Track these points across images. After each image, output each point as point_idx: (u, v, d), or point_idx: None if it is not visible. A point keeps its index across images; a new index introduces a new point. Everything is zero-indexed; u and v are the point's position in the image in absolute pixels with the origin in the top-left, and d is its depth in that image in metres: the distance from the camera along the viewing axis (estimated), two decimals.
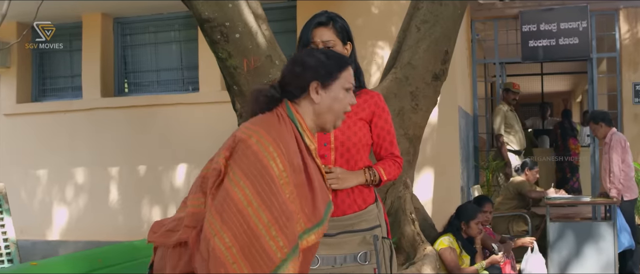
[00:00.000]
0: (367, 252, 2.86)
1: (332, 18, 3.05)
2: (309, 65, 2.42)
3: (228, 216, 2.08)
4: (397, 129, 5.55)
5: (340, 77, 2.45)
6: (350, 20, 7.84)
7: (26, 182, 9.23)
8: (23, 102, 9.43)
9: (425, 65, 5.69)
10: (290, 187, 2.21)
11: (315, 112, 2.43)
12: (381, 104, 3.04)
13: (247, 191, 2.10)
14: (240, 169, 2.13)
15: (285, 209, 2.13)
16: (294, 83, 2.41)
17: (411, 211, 5.46)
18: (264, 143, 2.17)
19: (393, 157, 3.06)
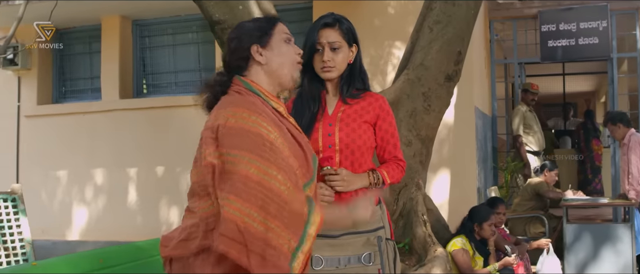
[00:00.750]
0: (371, 253, 2.87)
1: (338, 20, 3.04)
2: (241, 35, 2.44)
3: (247, 193, 2.08)
4: (409, 130, 5.56)
5: (274, 32, 2.48)
6: (366, 21, 7.91)
7: (46, 183, 9.33)
8: (43, 104, 9.53)
9: (437, 66, 5.67)
10: (284, 143, 2.26)
11: (267, 74, 2.45)
12: (385, 107, 3.04)
13: (255, 162, 2.12)
14: (236, 148, 2.14)
15: (290, 165, 2.20)
16: (235, 57, 2.43)
17: (423, 213, 5.44)
18: (243, 116, 2.20)
19: (396, 160, 3.06)
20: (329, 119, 2.96)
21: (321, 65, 2.96)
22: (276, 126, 2.29)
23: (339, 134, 2.91)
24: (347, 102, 2.99)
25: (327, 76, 2.98)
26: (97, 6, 8.68)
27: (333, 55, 2.95)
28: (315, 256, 2.82)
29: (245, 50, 2.43)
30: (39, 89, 9.50)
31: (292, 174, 2.21)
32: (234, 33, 2.48)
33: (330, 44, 2.95)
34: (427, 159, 5.81)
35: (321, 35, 2.96)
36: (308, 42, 2.97)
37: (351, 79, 3.03)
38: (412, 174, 5.58)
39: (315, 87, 3.01)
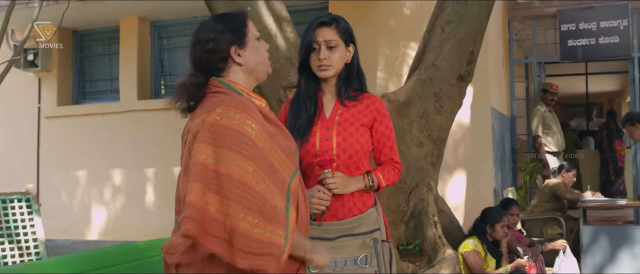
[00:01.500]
0: (367, 255, 2.87)
1: (335, 19, 3.02)
2: (217, 37, 2.41)
3: (232, 192, 2.14)
4: (421, 131, 5.53)
5: (248, 31, 2.49)
6: (382, 21, 7.87)
7: (66, 183, 9.43)
8: (63, 105, 9.63)
9: (449, 66, 5.63)
10: (269, 141, 2.29)
11: (245, 73, 2.46)
12: (382, 109, 3.02)
13: (239, 161, 2.16)
14: (224, 147, 2.18)
15: (270, 164, 2.25)
16: (214, 59, 2.41)
17: (434, 214, 5.40)
18: (230, 114, 2.23)
19: (392, 163, 3.04)
20: (327, 123, 2.95)
21: (318, 64, 2.94)
22: (260, 123, 2.31)
23: (337, 139, 2.91)
24: (345, 104, 2.98)
25: (324, 74, 2.96)
26: (115, 8, 8.75)
27: (329, 54, 2.94)
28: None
29: (224, 52, 2.42)
30: (58, 90, 9.60)
31: (271, 172, 2.25)
32: (207, 33, 2.43)
33: (327, 42, 2.94)
34: (438, 160, 5.78)
35: (318, 33, 2.95)
36: (305, 41, 2.96)
37: (349, 80, 3.01)
38: (423, 175, 5.55)
39: (311, 87, 3.00)
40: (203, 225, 2.17)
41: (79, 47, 9.82)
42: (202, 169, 2.20)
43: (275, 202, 2.22)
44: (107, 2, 8.43)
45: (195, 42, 2.44)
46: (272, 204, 2.20)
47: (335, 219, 2.91)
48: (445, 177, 7.59)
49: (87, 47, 9.84)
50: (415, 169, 5.51)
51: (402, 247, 5.46)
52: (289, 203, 2.30)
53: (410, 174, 5.49)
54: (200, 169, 2.20)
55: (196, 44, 2.43)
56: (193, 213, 2.17)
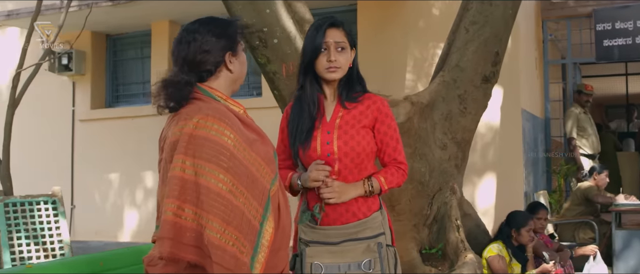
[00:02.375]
0: (371, 260, 2.83)
1: (341, 21, 2.98)
2: (215, 40, 2.40)
3: (209, 204, 2.16)
4: (445, 133, 5.45)
5: (239, 39, 2.49)
6: (411, 22, 7.80)
7: (100, 185, 9.55)
8: (97, 108, 9.75)
9: (474, 67, 5.55)
10: (248, 150, 2.30)
11: (229, 80, 2.47)
12: (384, 109, 2.96)
13: (216, 173, 2.19)
14: (202, 159, 2.19)
15: (249, 174, 2.26)
16: (209, 61, 2.40)
17: (457, 218, 5.31)
18: (208, 125, 2.23)
19: (396, 163, 2.97)
20: (327, 126, 2.91)
21: (327, 66, 2.89)
22: (239, 131, 2.31)
23: (338, 142, 2.86)
24: (346, 106, 2.94)
25: (332, 76, 2.91)
26: (146, 12, 8.83)
27: (338, 56, 2.90)
28: (314, 263, 2.80)
29: (219, 56, 2.42)
30: (92, 93, 9.73)
31: (250, 183, 2.27)
32: (204, 35, 2.42)
33: (337, 43, 2.90)
34: (462, 162, 5.69)
35: (328, 34, 2.90)
36: (311, 43, 2.91)
37: (351, 83, 2.98)
38: (446, 178, 5.47)
39: (314, 91, 2.96)
40: (179, 239, 2.18)
41: (112, 51, 9.95)
42: (178, 182, 2.20)
43: (251, 217, 2.23)
44: (137, 6, 8.51)
45: (190, 40, 2.41)
46: (248, 218, 2.22)
47: (339, 223, 2.87)
48: (475, 180, 7.48)
49: (120, 51, 9.96)
50: (438, 172, 5.43)
51: (424, 251, 5.39)
52: (267, 213, 2.31)
53: (434, 177, 5.41)
54: (176, 182, 2.21)
55: (191, 42, 2.41)
56: (168, 231, 2.19)
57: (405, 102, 5.33)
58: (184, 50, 2.42)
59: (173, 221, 2.19)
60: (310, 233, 2.86)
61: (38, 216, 5.57)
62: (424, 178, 5.35)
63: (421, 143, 5.36)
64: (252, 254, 2.24)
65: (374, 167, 2.98)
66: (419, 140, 5.35)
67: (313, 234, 2.85)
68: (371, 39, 8.01)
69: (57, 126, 9.83)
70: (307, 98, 2.95)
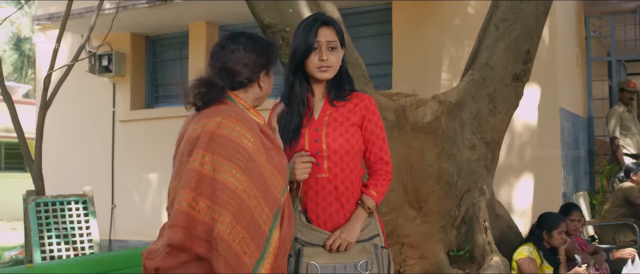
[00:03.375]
0: (367, 261, 2.83)
1: (331, 20, 2.97)
2: (257, 57, 2.52)
3: (223, 200, 2.22)
4: (473, 133, 5.35)
5: (276, 63, 2.62)
6: (446, 21, 7.70)
7: (139, 186, 9.67)
8: (136, 109, 9.88)
9: (504, 65, 5.42)
10: (264, 155, 2.37)
11: (256, 96, 2.56)
12: (371, 107, 2.96)
13: (234, 172, 2.26)
14: (221, 156, 2.27)
15: (263, 180, 2.33)
16: (244, 73, 2.50)
17: (485, 219, 5.19)
18: (230, 125, 2.32)
19: (382, 163, 2.97)
20: (316, 124, 2.90)
21: (319, 65, 2.87)
22: (258, 137, 2.38)
23: (326, 140, 2.86)
24: (334, 104, 2.93)
25: (324, 75, 2.89)
26: (183, 13, 8.91)
27: (330, 55, 2.88)
28: (311, 263, 2.78)
29: (255, 73, 2.53)
30: (132, 94, 9.87)
31: (264, 189, 2.33)
32: (248, 50, 2.52)
33: (328, 43, 2.88)
34: (492, 163, 5.56)
35: (320, 34, 2.88)
36: (303, 42, 2.88)
37: (340, 82, 2.96)
38: (475, 179, 5.36)
39: (303, 90, 2.93)
40: (191, 230, 2.23)
41: (152, 53, 10.07)
42: (196, 175, 2.27)
43: (261, 222, 2.29)
44: (174, 8, 8.59)
45: (234, 49, 2.52)
46: (258, 223, 2.28)
47: (330, 224, 2.86)
48: (511, 180, 7.34)
49: (159, 52, 10.08)
50: (467, 173, 5.32)
51: (452, 253, 5.29)
52: (276, 221, 2.37)
53: (462, 178, 5.30)
54: (194, 175, 2.27)
55: (234, 51, 2.51)
56: (180, 220, 2.25)
57: (432, 102, 5.24)
58: (226, 58, 2.52)
59: (187, 212, 2.25)
60: (307, 233, 2.83)
61: (69, 215, 5.65)
62: (452, 179, 5.25)
63: (449, 143, 5.26)
64: (259, 258, 2.29)
65: (361, 168, 2.98)
66: (447, 140, 5.26)
67: (310, 236, 2.83)
68: (406, 38, 7.93)
69: (98, 126, 10.00)
70: (296, 97, 2.92)
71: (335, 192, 2.86)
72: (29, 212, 5.46)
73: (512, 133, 7.31)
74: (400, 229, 5.17)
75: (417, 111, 5.16)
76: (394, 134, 5.11)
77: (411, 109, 5.19)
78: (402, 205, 5.16)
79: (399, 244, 5.22)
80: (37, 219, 5.47)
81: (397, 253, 5.24)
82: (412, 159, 5.15)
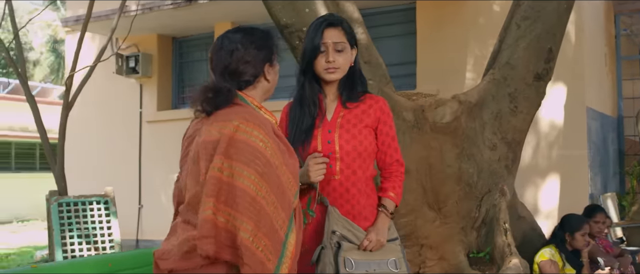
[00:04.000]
0: (396, 259, 2.86)
1: (340, 20, 2.94)
2: (257, 51, 2.45)
3: (244, 207, 2.19)
4: (494, 133, 5.28)
5: (277, 50, 2.54)
6: (471, 20, 7.61)
7: (166, 186, 9.71)
8: (163, 110, 9.95)
9: (525, 64, 5.34)
10: (280, 159, 2.32)
11: (263, 89, 2.51)
12: (386, 109, 2.94)
13: (253, 178, 2.22)
14: (240, 162, 2.23)
15: (279, 184, 2.28)
16: (248, 71, 2.44)
17: (505, 221, 5.11)
18: (248, 130, 2.27)
19: (398, 165, 2.97)
20: (328, 125, 2.88)
21: (325, 66, 2.86)
22: (274, 141, 2.34)
23: (339, 141, 2.84)
24: (347, 106, 2.91)
25: (331, 77, 2.88)
26: (209, 14, 8.94)
27: (337, 56, 2.85)
28: (346, 258, 2.78)
29: (259, 68, 2.47)
30: (159, 95, 9.93)
31: (280, 193, 2.28)
32: (247, 46, 2.46)
33: (335, 44, 2.86)
34: (513, 164, 5.47)
35: (326, 35, 2.86)
36: (310, 43, 2.87)
37: (352, 83, 2.94)
38: (495, 180, 5.28)
39: (314, 91, 2.92)
40: (218, 239, 2.21)
41: (178, 54, 10.13)
42: (217, 183, 2.23)
43: (278, 227, 2.26)
44: (199, 8, 8.62)
45: (233, 49, 2.45)
46: (275, 229, 2.25)
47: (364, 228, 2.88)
48: (537, 181, 7.23)
49: (185, 53, 10.13)
50: (487, 173, 5.25)
51: (472, 255, 5.22)
52: (291, 225, 2.33)
53: (482, 179, 5.23)
54: (214, 183, 2.24)
55: (233, 51, 2.44)
56: (209, 230, 2.22)
57: (452, 101, 5.18)
58: (226, 59, 2.45)
59: (213, 221, 2.22)
60: (343, 228, 2.83)
61: (90, 215, 5.70)
62: (472, 179, 5.19)
63: (469, 143, 5.20)
64: (277, 264, 2.26)
65: (374, 169, 2.97)
66: (467, 140, 5.19)
67: (346, 232, 2.83)
68: (430, 37, 7.87)
69: (125, 127, 10.08)
70: (307, 99, 2.92)
71: (346, 194, 2.85)
72: (51, 212, 5.52)
73: (537, 133, 7.21)
74: (420, 231, 5.12)
75: (436, 111, 5.12)
76: (413, 135, 5.07)
77: (430, 109, 5.14)
78: (421, 206, 5.12)
79: (418, 245, 5.17)
80: (59, 219, 5.53)
81: (416, 254, 5.19)
82: (431, 159, 5.10)
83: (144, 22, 8.78)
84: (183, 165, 2.48)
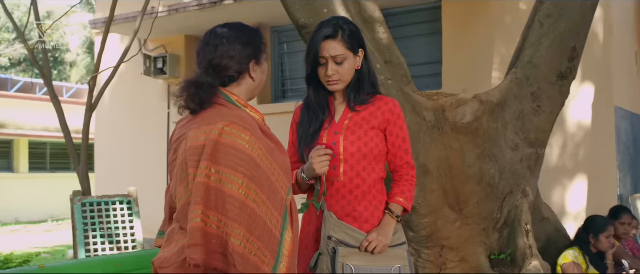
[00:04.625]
0: (401, 266, 2.82)
1: (340, 27, 2.88)
2: (242, 47, 2.41)
3: (234, 213, 2.17)
4: (516, 133, 5.21)
5: (265, 49, 2.50)
6: (497, 19, 7.53)
7: None
8: None
9: (548, 63, 5.27)
10: (269, 158, 2.30)
11: (249, 87, 2.47)
12: (396, 110, 2.90)
13: (241, 182, 2.19)
14: (227, 167, 2.20)
15: (270, 184, 2.27)
16: (233, 68, 2.40)
17: (527, 222, 5.03)
18: (233, 132, 2.24)
19: (408, 167, 2.93)
20: (335, 128, 2.87)
21: (326, 79, 2.86)
22: (261, 140, 2.31)
23: (344, 143, 2.83)
24: (355, 109, 2.89)
25: (333, 88, 2.89)
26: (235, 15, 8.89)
27: (338, 68, 2.84)
28: (346, 264, 2.76)
29: (243, 65, 2.43)
30: None
31: (272, 193, 2.27)
32: (232, 41, 2.43)
33: (334, 57, 2.83)
34: (536, 164, 5.39)
35: (323, 48, 2.84)
36: (311, 53, 2.86)
37: (360, 86, 2.92)
38: (518, 181, 5.20)
39: (321, 96, 2.92)
40: (208, 247, 2.19)
41: None
42: (204, 189, 2.21)
43: (272, 227, 2.24)
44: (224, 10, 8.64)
45: (218, 44, 2.43)
46: (270, 229, 2.23)
47: (357, 227, 2.84)
48: (564, 182, 7.12)
49: None
50: (509, 174, 5.18)
51: (493, 257, 5.15)
52: (286, 223, 2.32)
53: (504, 179, 5.16)
54: (202, 189, 2.21)
55: (218, 46, 2.43)
56: (199, 239, 2.20)
57: (473, 101, 5.12)
58: (210, 54, 2.44)
59: (202, 228, 2.20)
60: (341, 232, 2.80)
61: (113, 215, 5.75)
62: (494, 180, 5.12)
63: (491, 144, 5.13)
64: (275, 264, 2.25)
65: (383, 171, 2.93)
66: (489, 140, 5.13)
67: (344, 235, 2.80)
68: (456, 36, 7.79)
69: (153, 128, 10.15)
70: (314, 106, 2.92)
71: (349, 195, 2.83)
72: (75, 212, 5.58)
73: (564, 133, 7.10)
74: (440, 232, 5.07)
75: (456, 111, 5.06)
76: (433, 135, 5.02)
77: (451, 109, 5.09)
78: (442, 207, 5.06)
79: (438, 246, 5.12)
80: (83, 219, 5.58)
81: (437, 255, 5.15)
82: (452, 160, 5.05)
83: (170, 23, 8.83)
84: (172, 170, 2.46)
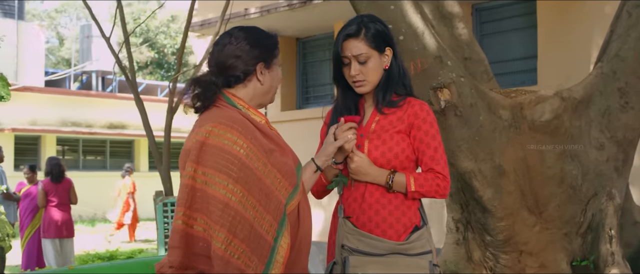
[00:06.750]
0: None
1: (363, 25, 2.73)
2: (250, 48, 2.37)
3: (216, 215, 2.16)
4: (602, 131, 4.92)
5: (277, 54, 2.44)
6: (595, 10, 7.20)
7: None
8: (287, 110, 10.18)
9: (637, 56, 4.92)
10: (263, 160, 2.25)
11: (256, 91, 2.41)
12: (421, 114, 2.72)
13: (226, 183, 2.18)
14: (212, 168, 2.20)
15: (262, 186, 2.22)
16: (238, 68, 2.37)
17: (611, 227, 4.71)
18: (220, 133, 2.22)
19: (434, 172, 2.71)
20: (362, 131, 2.74)
21: (351, 80, 2.74)
22: (253, 141, 2.26)
23: (368, 147, 2.70)
24: (383, 111, 2.74)
25: (360, 90, 2.75)
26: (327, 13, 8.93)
27: (362, 68, 2.70)
28: None
29: (250, 66, 2.39)
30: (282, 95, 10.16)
31: (264, 196, 2.22)
32: (240, 42, 2.40)
33: (356, 57, 2.70)
34: (624, 165, 5.03)
35: (345, 48, 2.71)
36: (333, 56, 2.77)
37: (388, 86, 2.76)
38: (603, 182, 4.88)
39: (349, 97, 2.80)
40: (190, 248, 2.21)
41: (302, 54, 10.27)
42: (189, 190, 2.22)
43: (262, 231, 2.19)
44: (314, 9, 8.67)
45: (226, 43, 2.42)
46: (259, 233, 2.18)
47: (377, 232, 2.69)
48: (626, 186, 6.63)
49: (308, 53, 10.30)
50: (593, 175, 4.87)
51: (575, 263, 4.87)
52: (282, 228, 2.25)
53: (588, 181, 4.86)
54: (187, 191, 2.23)
55: (226, 45, 2.41)
56: (178, 241, 2.22)
57: (553, 98, 4.87)
58: (218, 53, 2.43)
59: (183, 230, 2.21)
60: (355, 240, 2.68)
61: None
62: (576, 182, 4.84)
63: (573, 143, 4.86)
64: (264, 269, 2.20)
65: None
66: (570, 139, 4.86)
67: (358, 243, 2.68)
68: (552, 30, 7.46)
69: None
70: (340, 108, 2.81)
71: (368, 200, 2.71)
72: (157, 211, 5.72)
73: None
74: (518, 236, 4.85)
75: (535, 109, 4.83)
76: (509, 134, 4.81)
77: (529, 107, 4.86)
78: (520, 210, 4.84)
79: (516, 251, 4.90)
80: (164, 218, 5.71)
81: (515, 261, 4.93)
82: (529, 160, 4.82)
83: (262, 24, 8.92)
84: None
